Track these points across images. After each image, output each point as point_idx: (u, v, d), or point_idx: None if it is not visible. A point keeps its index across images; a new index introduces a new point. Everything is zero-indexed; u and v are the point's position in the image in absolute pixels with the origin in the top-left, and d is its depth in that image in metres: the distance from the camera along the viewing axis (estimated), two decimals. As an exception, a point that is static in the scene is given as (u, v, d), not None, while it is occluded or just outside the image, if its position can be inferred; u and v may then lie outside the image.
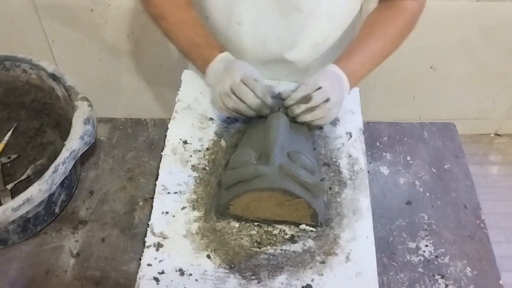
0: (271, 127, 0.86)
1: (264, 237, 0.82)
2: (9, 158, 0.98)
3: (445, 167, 1.00)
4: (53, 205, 0.87)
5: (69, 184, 0.91)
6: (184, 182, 0.87)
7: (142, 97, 1.91)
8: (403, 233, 0.90)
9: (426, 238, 0.89)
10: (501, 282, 0.85)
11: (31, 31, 1.69)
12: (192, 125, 0.95)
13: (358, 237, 0.82)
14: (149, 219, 0.84)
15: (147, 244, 0.80)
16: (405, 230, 0.90)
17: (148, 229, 0.82)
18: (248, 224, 0.84)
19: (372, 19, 1.02)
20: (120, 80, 1.86)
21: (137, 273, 0.79)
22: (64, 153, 0.81)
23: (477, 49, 1.81)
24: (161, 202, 0.85)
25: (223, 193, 0.83)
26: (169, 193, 0.86)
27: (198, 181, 0.88)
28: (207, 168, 0.90)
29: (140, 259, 0.82)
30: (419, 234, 0.90)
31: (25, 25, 1.67)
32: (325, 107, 0.89)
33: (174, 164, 0.90)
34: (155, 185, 0.89)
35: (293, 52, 1.03)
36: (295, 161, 0.81)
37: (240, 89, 0.88)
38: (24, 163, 0.99)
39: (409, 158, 1.01)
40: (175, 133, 0.94)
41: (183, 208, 0.84)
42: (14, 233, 0.84)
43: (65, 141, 0.83)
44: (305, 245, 0.81)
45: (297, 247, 0.81)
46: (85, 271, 0.84)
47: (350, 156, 0.93)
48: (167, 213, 0.84)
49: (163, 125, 1.03)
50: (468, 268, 0.86)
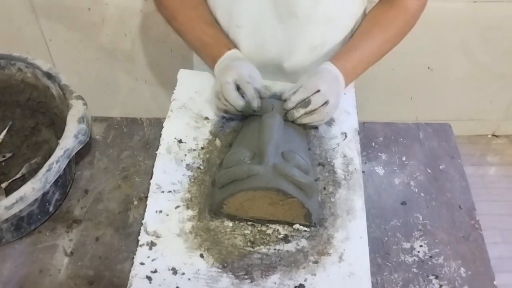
0: (266, 127, 0.86)
1: (257, 236, 0.82)
2: (4, 156, 0.98)
3: (440, 167, 1.00)
4: (47, 204, 0.87)
5: (64, 183, 0.90)
6: (178, 181, 0.87)
7: (139, 96, 1.91)
8: (397, 233, 0.90)
9: (420, 238, 0.89)
10: (495, 282, 0.85)
11: (28, 30, 1.68)
12: (187, 124, 0.95)
13: (351, 237, 0.82)
14: (144, 218, 0.84)
15: (140, 242, 0.80)
16: (400, 230, 0.90)
17: (141, 227, 0.82)
18: (241, 223, 0.84)
19: (372, 16, 1.02)
20: (117, 79, 1.86)
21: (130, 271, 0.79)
22: (58, 152, 0.81)
23: (474, 50, 1.81)
24: (155, 200, 0.85)
25: (217, 192, 0.83)
26: (163, 192, 0.86)
27: (192, 180, 0.88)
28: (202, 167, 0.90)
29: (134, 258, 0.82)
30: (413, 234, 0.90)
31: (22, 24, 1.67)
32: (323, 111, 0.90)
33: (168, 163, 0.89)
34: (150, 184, 0.89)
35: (291, 56, 1.03)
36: (289, 161, 0.81)
37: (226, 90, 0.89)
38: (19, 161, 0.99)
39: (404, 158, 1.01)
40: (170, 132, 0.94)
41: (177, 207, 0.84)
42: (7, 231, 0.84)
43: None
44: (298, 245, 0.81)
45: (290, 247, 0.81)
46: (79, 270, 0.84)
47: (345, 156, 0.92)
48: (160, 212, 0.84)
49: (158, 125, 1.02)
50: (462, 268, 0.86)
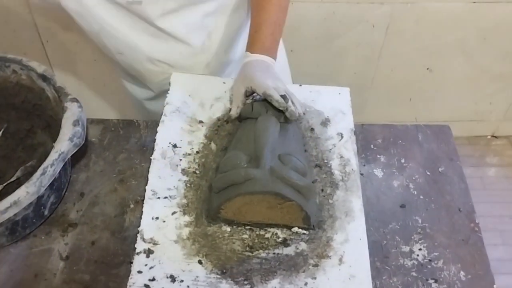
0: (261, 130, 0.85)
1: (256, 241, 0.81)
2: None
3: (440, 170, 0.99)
4: (42, 207, 0.86)
5: (59, 186, 0.90)
6: (174, 186, 0.86)
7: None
8: (396, 237, 0.89)
9: (419, 241, 0.88)
10: (495, 286, 0.84)
11: (24, 31, 1.68)
12: (181, 129, 0.94)
13: (351, 239, 0.81)
14: (140, 223, 0.83)
15: (137, 250, 0.79)
16: (399, 233, 0.89)
17: (138, 235, 0.81)
18: (239, 228, 0.83)
19: None
20: (115, 80, 1.84)
21: (127, 277, 0.78)
22: (52, 155, 0.80)
23: (473, 51, 1.80)
24: (151, 207, 0.84)
25: (214, 197, 0.82)
26: (159, 198, 0.85)
27: (188, 185, 0.87)
28: (198, 171, 0.89)
29: (130, 263, 0.81)
30: (412, 237, 0.89)
31: (19, 25, 1.66)
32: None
33: (163, 168, 0.88)
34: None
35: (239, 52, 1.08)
36: (286, 164, 0.81)
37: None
38: (14, 164, 0.98)
39: (403, 160, 1.00)
40: (164, 137, 0.93)
41: (174, 213, 0.83)
42: (2, 235, 0.83)
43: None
44: (297, 248, 0.80)
45: (289, 251, 0.80)
46: (74, 275, 0.83)
47: (341, 157, 0.92)
48: (157, 218, 0.83)
49: (155, 127, 1.01)
50: (462, 272, 0.85)
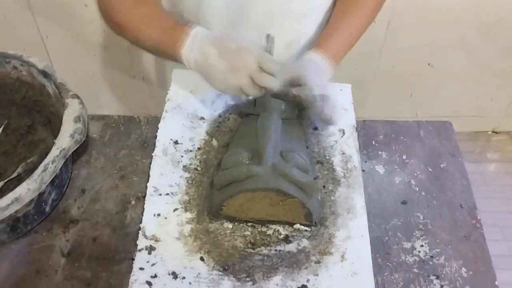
0: (263, 126, 0.85)
1: (258, 237, 0.81)
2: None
3: (441, 166, 0.99)
4: (44, 204, 0.86)
5: (60, 182, 0.89)
6: (175, 183, 0.86)
7: (137, 93, 1.90)
8: (398, 233, 0.89)
9: (421, 238, 0.88)
10: (496, 283, 0.84)
11: (24, 27, 1.67)
12: (182, 125, 0.94)
13: (353, 235, 0.81)
14: (141, 219, 0.83)
15: (139, 247, 0.79)
16: (400, 230, 0.89)
17: (139, 232, 0.81)
18: (241, 224, 0.83)
19: None
20: (114, 76, 1.84)
21: (129, 273, 0.77)
22: (53, 152, 0.80)
23: (475, 47, 1.80)
24: (152, 204, 0.83)
25: (216, 193, 0.82)
26: (160, 194, 0.85)
27: (190, 181, 0.87)
28: (199, 168, 0.89)
29: (131, 259, 0.81)
30: (414, 234, 0.89)
31: (18, 21, 1.66)
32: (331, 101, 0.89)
33: (165, 165, 0.88)
34: (147, 186, 0.87)
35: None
36: (288, 160, 0.80)
37: (262, 79, 0.80)
38: (14, 161, 0.98)
39: (405, 157, 1.00)
40: (165, 133, 0.92)
41: (175, 209, 0.83)
42: (3, 232, 0.83)
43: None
44: (299, 245, 0.80)
45: (291, 247, 0.80)
46: (75, 271, 0.83)
47: (343, 153, 0.91)
48: (159, 215, 0.82)
49: (156, 123, 1.01)
50: (463, 268, 0.85)
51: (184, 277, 0.76)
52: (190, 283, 0.75)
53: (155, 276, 0.76)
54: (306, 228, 0.82)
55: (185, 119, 0.95)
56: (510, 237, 1.80)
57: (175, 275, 0.76)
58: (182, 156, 0.90)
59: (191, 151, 0.91)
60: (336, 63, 0.94)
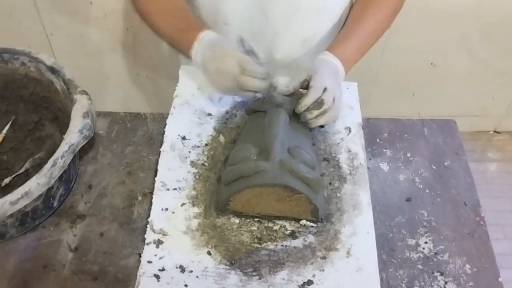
0: (271, 123, 0.86)
1: (264, 233, 0.82)
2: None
3: (445, 164, 1.00)
4: (52, 199, 0.87)
5: (68, 178, 0.90)
6: (183, 178, 0.87)
7: (141, 91, 1.90)
8: (402, 230, 0.90)
9: (425, 235, 0.89)
10: (500, 279, 0.85)
11: (29, 24, 1.68)
12: (190, 121, 0.95)
13: (358, 232, 0.82)
14: (148, 214, 0.84)
15: (147, 241, 0.80)
16: (405, 227, 0.90)
17: (147, 226, 0.82)
18: (248, 220, 0.83)
19: (362, 0, 1.01)
20: (119, 73, 1.85)
21: (136, 268, 0.78)
22: (62, 147, 0.80)
23: (477, 46, 1.81)
24: (160, 198, 0.84)
25: (223, 189, 0.82)
26: (168, 189, 0.85)
27: (197, 177, 0.88)
28: (206, 164, 0.89)
29: (138, 254, 0.82)
30: (418, 231, 0.90)
31: (24, 18, 1.66)
32: (334, 107, 0.89)
33: (173, 160, 0.89)
34: (154, 180, 0.88)
35: (281, 49, 1.02)
36: (295, 157, 0.81)
37: (244, 81, 0.85)
38: (22, 156, 0.99)
39: (409, 154, 1.01)
40: (173, 129, 0.93)
41: (183, 204, 0.84)
42: (12, 227, 0.84)
43: (64, 134, 0.82)
44: (305, 241, 0.81)
45: (297, 243, 0.81)
46: (83, 266, 0.84)
47: (349, 151, 0.92)
48: (166, 209, 0.83)
49: (162, 120, 1.02)
50: (467, 265, 0.86)
51: (191, 271, 0.77)
52: (197, 277, 0.76)
53: (163, 269, 0.77)
54: (312, 224, 0.83)
55: (193, 115, 0.96)
56: (511, 236, 1.81)
57: (182, 269, 0.77)
58: (189, 151, 0.91)
59: (198, 146, 0.91)
60: (347, 67, 0.94)
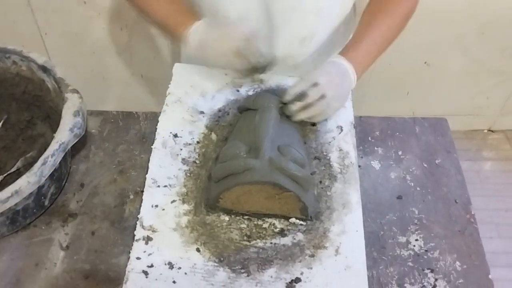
0: (262, 121, 0.86)
1: (254, 230, 0.82)
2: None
3: (437, 162, 1.00)
4: (43, 197, 0.87)
5: (59, 176, 0.90)
6: (174, 175, 0.87)
7: (135, 90, 1.90)
8: (393, 228, 0.90)
9: (416, 232, 0.90)
10: (490, 276, 0.85)
11: (23, 23, 1.67)
12: (182, 119, 0.95)
13: (347, 230, 0.82)
14: (139, 212, 0.84)
15: (136, 237, 0.80)
16: (396, 224, 0.90)
17: (137, 222, 0.82)
18: (238, 217, 0.83)
19: (374, 5, 1.01)
20: (113, 73, 1.85)
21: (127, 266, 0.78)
22: (53, 146, 0.81)
23: (471, 45, 1.81)
24: (150, 195, 0.84)
25: (213, 186, 0.83)
26: (159, 186, 0.85)
27: (188, 174, 0.88)
28: (198, 161, 0.89)
29: (130, 252, 0.82)
30: (409, 228, 0.90)
31: (17, 17, 1.66)
32: (320, 104, 0.89)
33: (164, 157, 0.89)
34: (146, 178, 0.88)
35: (280, 46, 1.02)
36: (285, 155, 0.81)
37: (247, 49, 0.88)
38: (14, 155, 0.99)
39: (400, 152, 1.01)
40: (165, 127, 0.93)
41: (173, 201, 0.84)
42: (3, 225, 0.84)
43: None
44: (294, 239, 0.81)
45: (286, 241, 0.81)
46: (74, 264, 0.84)
47: (340, 150, 0.92)
48: (156, 206, 0.83)
49: (154, 118, 1.02)
50: (457, 262, 0.86)
51: (180, 267, 0.77)
52: (185, 273, 0.76)
53: (152, 265, 0.77)
54: (301, 222, 0.83)
55: (185, 113, 0.96)
56: (505, 234, 1.81)
57: (171, 265, 0.77)
58: (181, 149, 0.91)
59: (190, 144, 0.92)
60: (359, 71, 0.93)
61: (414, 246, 0.88)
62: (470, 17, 1.71)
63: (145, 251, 0.78)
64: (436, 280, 0.84)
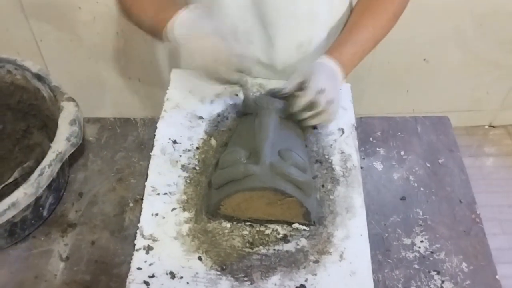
0: (261, 125, 0.84)
1: (256, 237, 0.81)
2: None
3: (440, 161, 0.99)
4: (41, 208, 0.86)
5: (57, 186, 0.89)
6: (174, 182, 0.86)
7: (133, 95, 1.89)
8: (397, 229, 0.89)
9: (421, 234, 0.88)
10: (497, 277, 0.84)
11: (18, 30, 1.66)
12: (181, 124, 0.94)
13: (351, 235, 0.81)
14: (140, 220, 0.83)
15: (136, 247, 0.79)
16: (400, 226, 0.89)
17: (137, 231, 0.81)
18: (239, 224, 0.82)
19: (362, 4, 1.00)
20: (110, 78, 1.84)
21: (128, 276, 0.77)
22: (50, 156, 0.79)
23: (470, 39, 1.80)
24: (150, 203, 0.83)
25: (214, 193, 0.81)
26: (158, 194, 0.84)
27: (188, 181, 0.86)
28: (197, 167, 0.88)
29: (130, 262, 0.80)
30: (414, 230, 0.89)
31: (12, 24, 1.65)
32: (330, 110, 0.88)
33: (163, 164, 0.88)
34: (145, 186, 0.87)
35: (277, 53, 1.01)
36: (286, 159, 0.80)
37: (214, 69, 0.84)
38: (11, 165, 0.98)
39: (403, 153, 1.00)
40: (164, 133, 0.92)
41: (173, 209, 0.83)
42: (1, 238, 0.82)
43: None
44: (298, 245, 0.80)
45: (290, 247, 0.80)
46: (74, 275, 0.83)
47: (342, 152, 0.91)
48: (156, 214, 0.82)
49: (153, 124, 1.01)
50: (464, 263, 0.85)
51: (181, 277, 0.76)
52: (187, 283, 0.75)
53: (153, 276, 0.76)
54: (304, 227, 0.82)
55: (184, 119, 0.95)
56: (509, 230, 1.80)
57: (172, 275, 0.76)
58: (180, 155, 0.89)
59: (189, 150, 0.90)
60: (346, 71, 0.93)
61: (419, 248, 0.87)
62: (468, 11, 1.70)
63: (146, 261, 0.77)
64: (443, 282, 0.82)
